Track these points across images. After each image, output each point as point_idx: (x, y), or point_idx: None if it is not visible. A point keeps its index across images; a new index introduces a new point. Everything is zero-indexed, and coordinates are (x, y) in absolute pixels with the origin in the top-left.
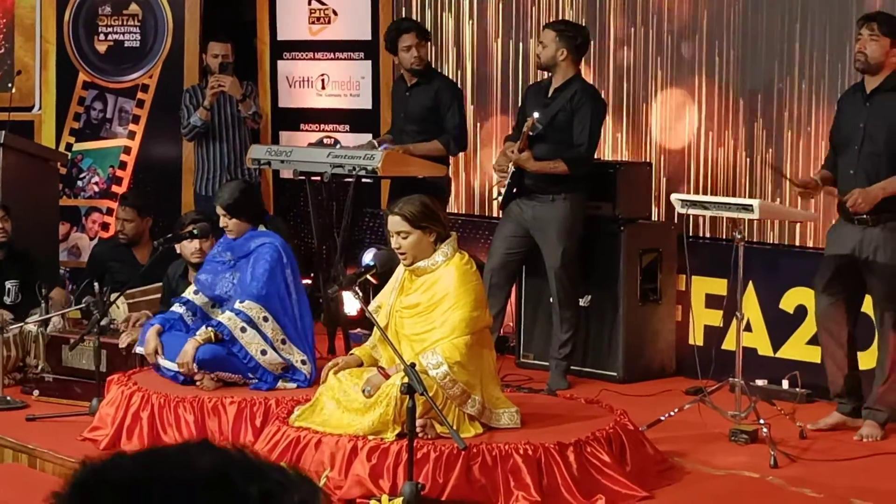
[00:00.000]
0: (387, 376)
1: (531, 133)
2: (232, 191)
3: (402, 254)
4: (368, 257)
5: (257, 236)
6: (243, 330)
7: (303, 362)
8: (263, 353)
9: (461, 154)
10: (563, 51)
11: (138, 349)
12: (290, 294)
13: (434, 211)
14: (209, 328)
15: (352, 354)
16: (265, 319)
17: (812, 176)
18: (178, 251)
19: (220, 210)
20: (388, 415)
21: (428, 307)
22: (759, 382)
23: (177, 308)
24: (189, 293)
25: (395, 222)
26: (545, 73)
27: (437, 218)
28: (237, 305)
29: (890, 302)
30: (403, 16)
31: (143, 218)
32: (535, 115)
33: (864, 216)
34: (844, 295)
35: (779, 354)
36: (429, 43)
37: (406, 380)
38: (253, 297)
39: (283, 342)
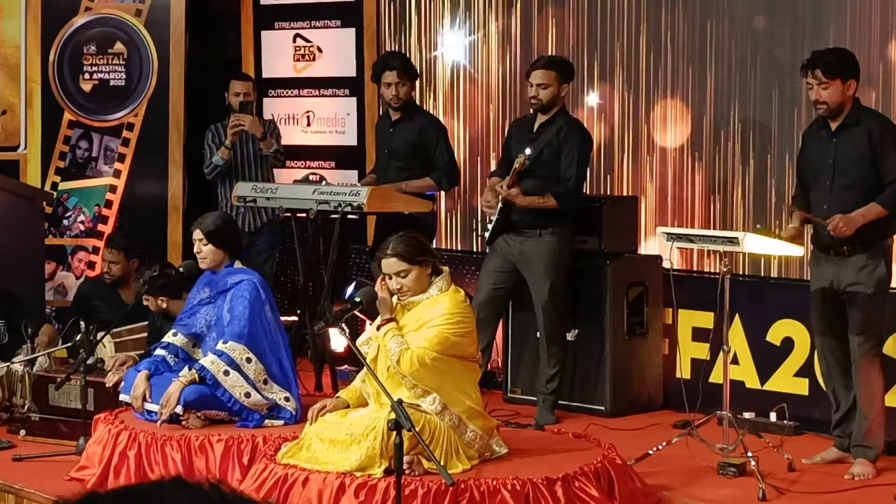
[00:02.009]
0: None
1: (521, 170)
2: (214, 218)
3: (404, 292)
4: (352, 289)
5: (235, 273)
6: (226, 373)
7: (286, 399)
8: (247, 395)
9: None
10: (565, 87)
11: (124, 396)
12: (271, 331)
13: (425, 243)
14: (192, 370)
15: (338, 398)
16: (248, 360)
17: (793, 225)
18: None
19: (197, 235)
20: (375, 449)
21: (415, 329)
22: (747, 415)
23: (159, 352)
24: (168, 337)
25: (391, 264)
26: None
27: (429, 250)
28: (220, 346)
29: (865, 331)
30: (388, 51)
31: (130, 259)
32: (528, 151)
33: (843, 247)
34: (838, 329)
35: (766, 387)
36: (413, 82)
37: (393, 416)
38: (235, 336)
39: (265, 382)
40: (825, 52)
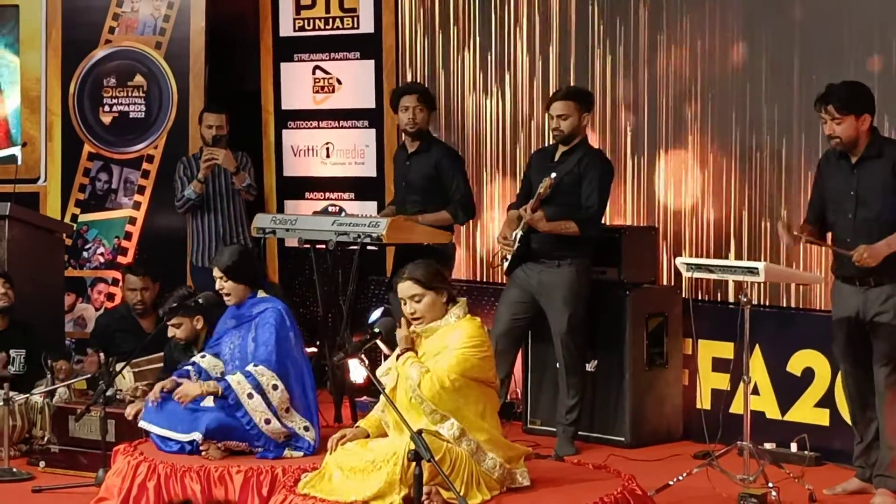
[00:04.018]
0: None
1: (545, 194)
2: (231, 254)
3: (417, 318)
4: (375, 315)
5: (259, 302)
6: (250, 396)
7: (305, 429)
8: (267, 422)
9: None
10: (586, 116)
11: (144, 424)
12: (295, 357)
13: (441, 271)
14: (218, 384)
15: (358, 427)
16: (274, 387)
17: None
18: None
19: (217, 273)
20: (395, 475)
21: (434, 357)
22: (768, 446)
23: (187, 367)
24: (196, 357)
25: (406, 287)
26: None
27: (445, 278)
28: (249, 368)
29: (890, 361)
30: (408, 81)
31: (156, 283)
32: (553, 175)
33: (868, 277)
34: (862, 359)
35: (787, 417)
36: (431, 112)
37: (412, 446)
38: (264, 361)
39: (287, 410)
40: (838, 88)
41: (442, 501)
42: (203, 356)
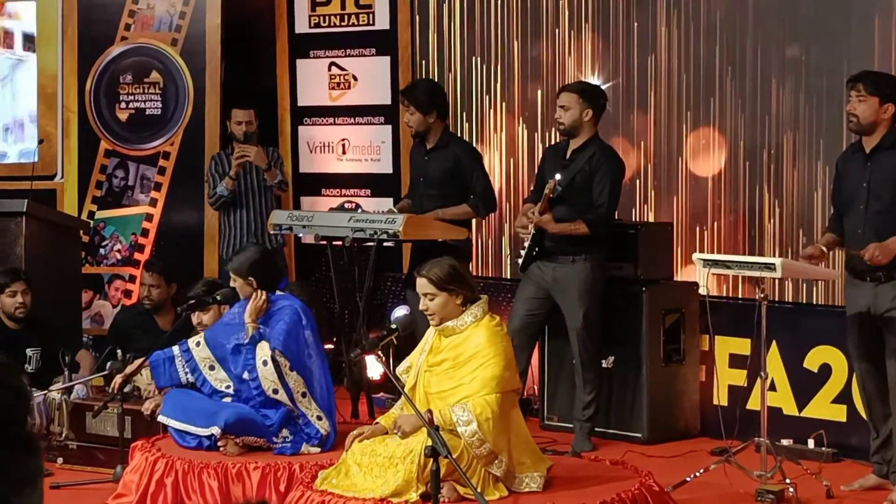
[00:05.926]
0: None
1: (552, 195)
2: (244, 257)
3: (430, 315)
4: (398, 313)
5: (276, 300)
6: (265, 363)
7: (318, 418)
8: (275, 391)
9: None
10: (588, 111)
11: (162, 418)
12: (309, 356)
13: (462, 274)
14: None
15: (377, 423)
16: (291, 369)
17: (816, 244)
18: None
19: (231, 273)
20: (412, 473)
21: (454, 365)
22: (785, 442)
23: (175, 350)
24: (191, 344)
25: (421, 284)
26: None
27: (464, 280)
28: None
29: None
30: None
31: (169, 284)
32: (557, 176)
33: (878, 273)
34: (875, 354)
35: (804, 413)
36: (425, 113)
37: (430, 442)
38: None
39: (304, 395)
40: (876, 72)
41: (458, 497)
42: (199, 344)
